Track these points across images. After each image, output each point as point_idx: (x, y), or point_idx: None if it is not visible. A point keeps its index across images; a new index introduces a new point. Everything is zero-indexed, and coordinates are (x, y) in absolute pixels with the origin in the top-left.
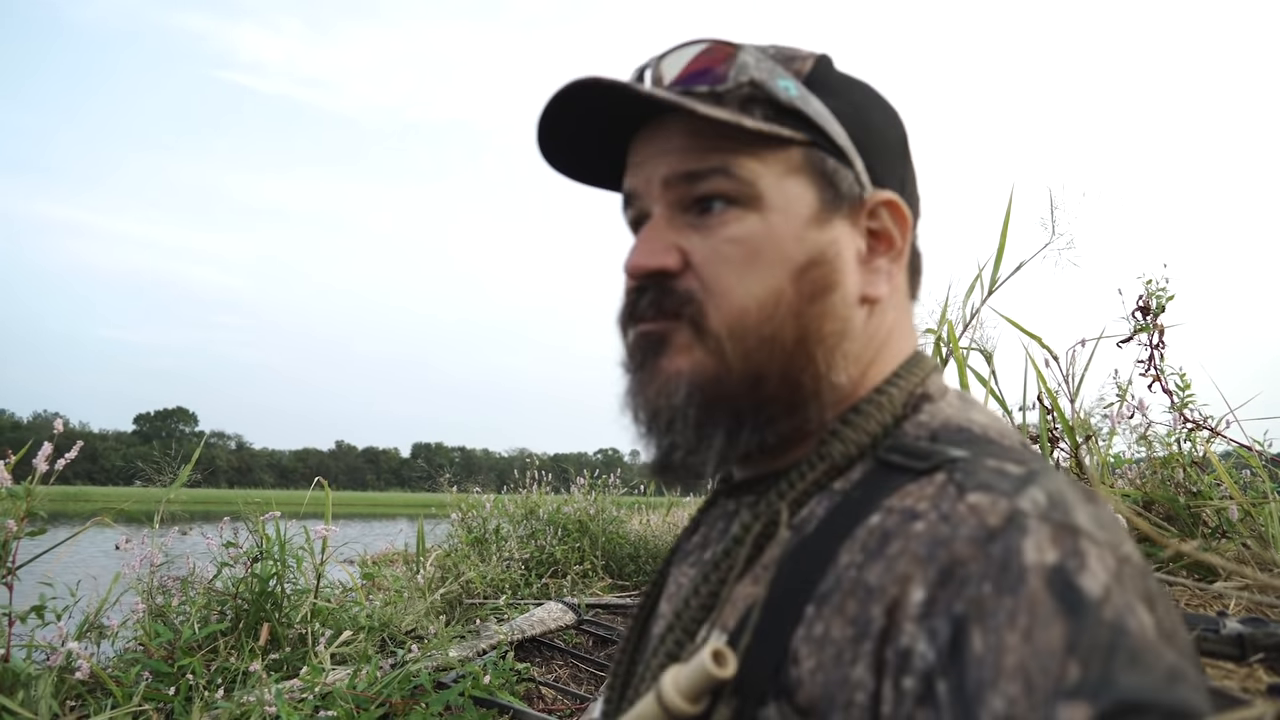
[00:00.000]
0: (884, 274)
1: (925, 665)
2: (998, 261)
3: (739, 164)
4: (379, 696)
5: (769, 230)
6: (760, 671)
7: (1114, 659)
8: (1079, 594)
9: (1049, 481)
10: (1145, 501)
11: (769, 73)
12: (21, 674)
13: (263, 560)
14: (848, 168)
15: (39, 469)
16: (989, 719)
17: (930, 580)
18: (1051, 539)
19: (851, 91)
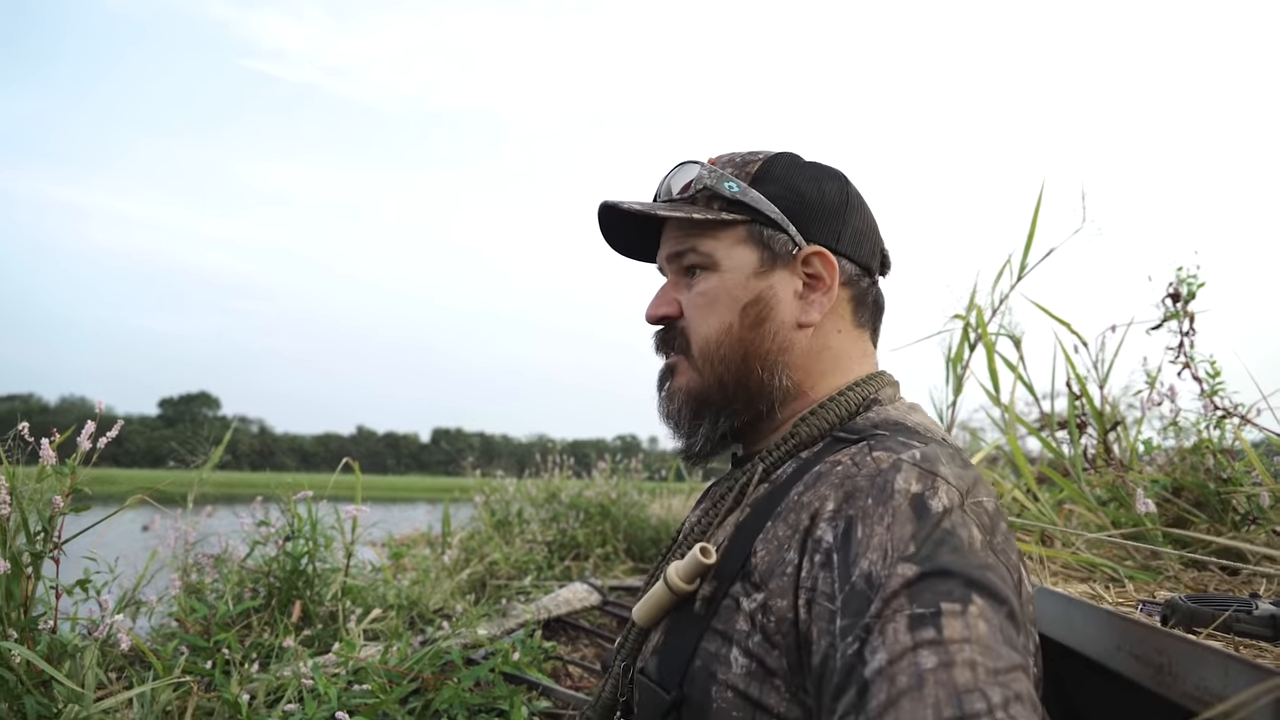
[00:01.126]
0: (816, 305)
1: (827, 545)
2: (1027, 247)
3: (702, 243)
4: (411, 672)
5: (723, 284)
6: (733, 564)
7: (941, 547)
8: (927, 509)
9: (931, 450)
10: (1174, 488)
11: (718, 179)
12: (68, 645)
13: (294, 539)
14: (781, 232)
15: (82, 447)
16: (858, 574)
17: (838, 498)
18: (918, 477)
19: (792, 175)
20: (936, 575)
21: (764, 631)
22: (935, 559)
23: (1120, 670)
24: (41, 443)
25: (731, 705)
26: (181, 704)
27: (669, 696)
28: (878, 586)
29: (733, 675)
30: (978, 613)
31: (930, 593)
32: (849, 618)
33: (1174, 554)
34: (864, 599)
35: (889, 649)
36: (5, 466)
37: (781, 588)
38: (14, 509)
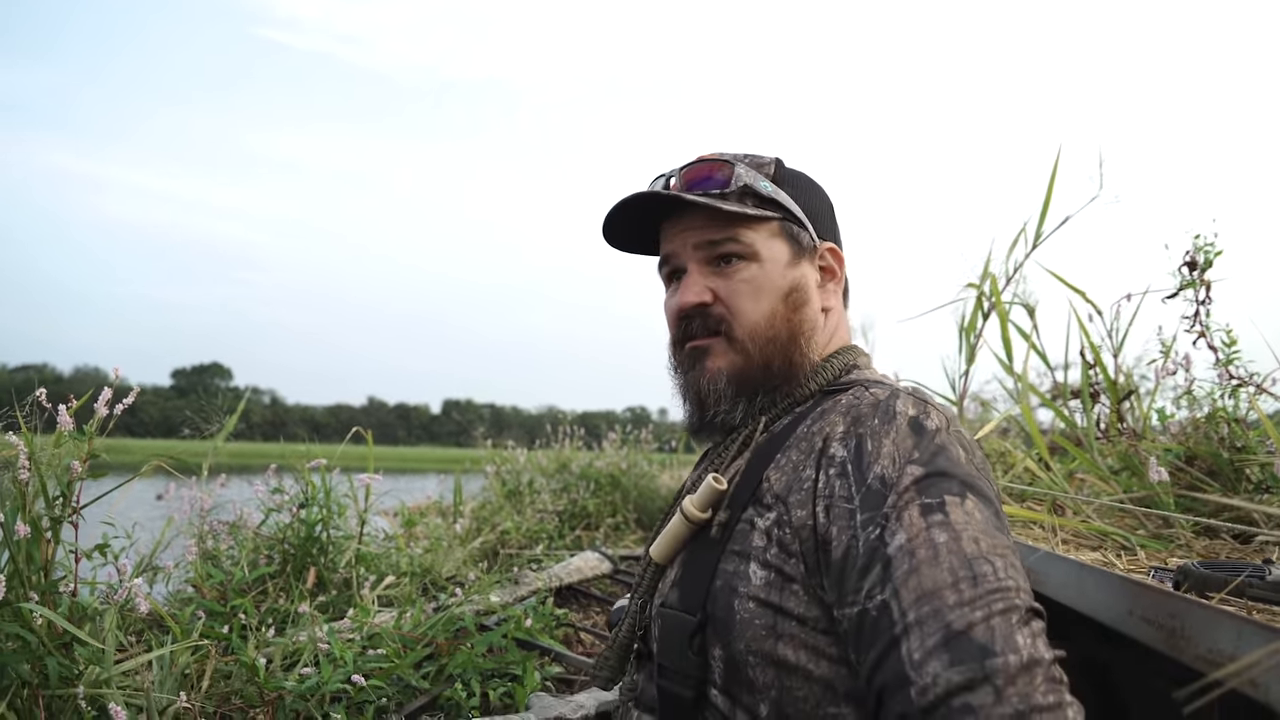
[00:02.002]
0: (831, 292)
1: (841, 458)
2: (1043, 216)
3: (743, 234)
4: (424, 637)
5: (765, 273)
6: (744, 492)
7: (938, 455)
8: (923, 427)
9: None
10: (1188, 457)
11: (753, 178)
12: (87, 609)
13: (309, 506)
14: (804, 229)
15: (99, 413)
16: (873, 476)
17: (847, 422)
18: (914, 404)
19: (799, 180)
20: (939, 475)
21: (780, 544)
22: (935, 463)
23: (1133, 634)
24: (59, 409)
25: (754, 614)
26: (200, 667)
27: (694, 619)
28: (891, 485)
29: (753, 587)
30: (973, 505)
31: (935, 487)
32: (869, 511)
33: (1186, 520)
34: (880, 496)
35: (907, 530)
36: (24, 433)
37: (800, 500)
38: (33, 474)
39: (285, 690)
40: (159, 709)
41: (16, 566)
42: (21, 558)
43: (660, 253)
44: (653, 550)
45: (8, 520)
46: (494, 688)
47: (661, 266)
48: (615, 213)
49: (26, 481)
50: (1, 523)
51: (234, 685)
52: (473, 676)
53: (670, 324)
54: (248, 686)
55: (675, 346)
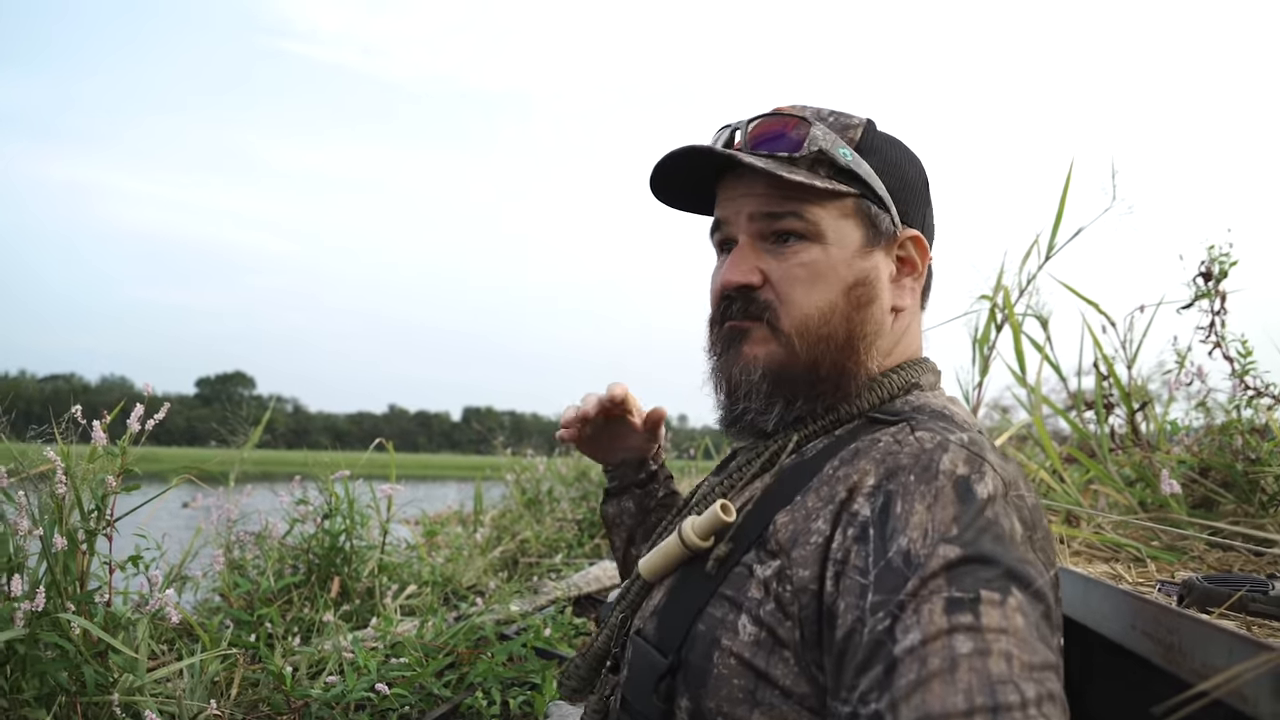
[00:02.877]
0: (908, 290)
1: (864, 518)
2: (1055, 227)
3: (808, 210)
4: (446, 646)
5: (828, 259)
6: (751, 529)
7: (984, 534)
8: (972, 493)
9: (976, 437)
10: (1201, 468)
11: (832, 143)
12: (121, 618)
13: (332, 517)
14: (885, 212)
15: (132, 428)
16: (896, 550)
17: (879, 474)
18: (965, 460)
19: (890, 150)
20: (978, 561)
21: (778, 600)
22: (978, 544)
23: (1133, 648)
24: (93, 425)
25: (733, 673)
26: (228, 675)
27: (666, 660)
28: (916, 565)
29: (739, 643)
30: (1016, 605)
31: (971, 578)
32: (882, 593)
33: (1200, 535)
34: (900, 576)
35: (923, 629)
36: (60, 447)
37: (805, 557)
38: (70, 489)
39: (311, 698)
40: (190, 716)
41: (54, 578)
42: (59, 569)
43: (716, 214)
44: (642, 565)
45: (46, 533)
46: (514, 696)
47: (713, 232)
48: (663, 165)
49: (63, 496)
50: (41, 536)
51: (261, 693)
52: (493, 685)
53: (711, 301)
54: (275, 694)
55: (712, 326)
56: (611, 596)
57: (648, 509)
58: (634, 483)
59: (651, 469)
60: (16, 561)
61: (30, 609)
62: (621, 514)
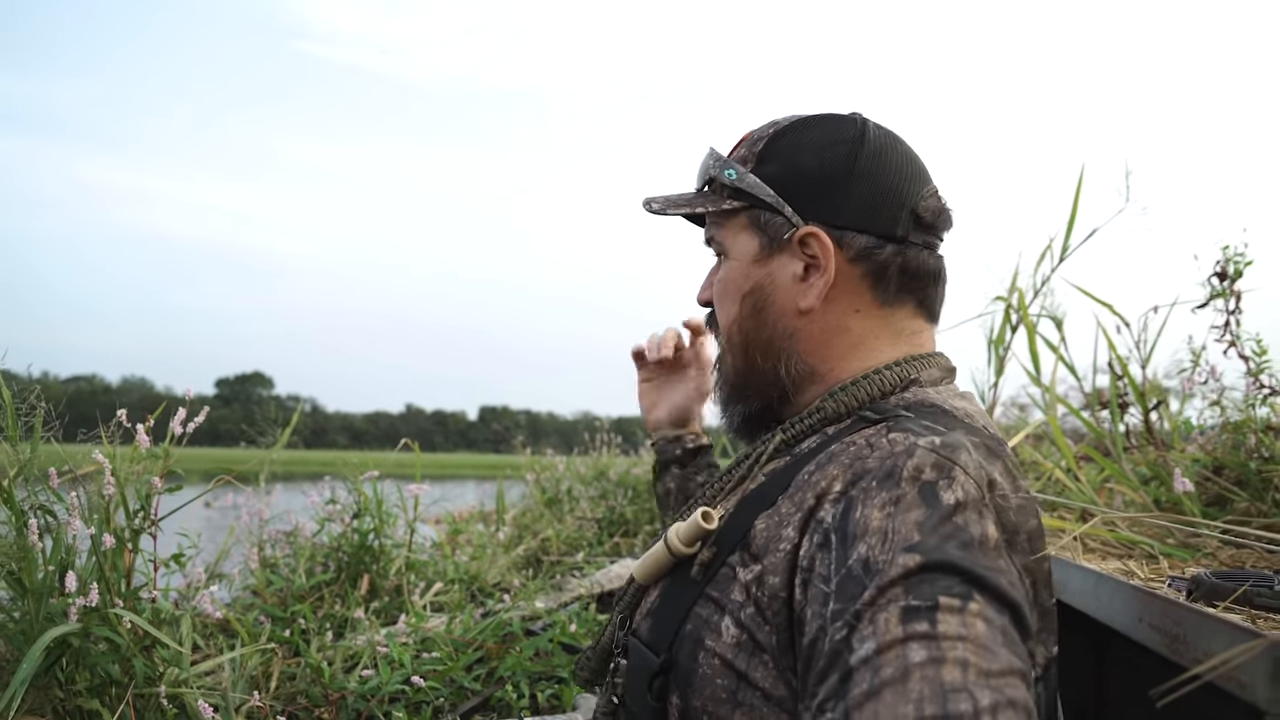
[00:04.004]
0: (814, 289)
1: (827, 525)
2: (1069, 228)
3: (718, 232)
4: (475, 641)
5: (730, 273)
6: (734, 532)
7: (948, 541)
8: (937, 499)
9: (953, 437)
10: (1215, 467)
11: (720, 166)
12: (165, 613)
13: (361, 516)
14: (777, 214)
15: (174, 431)
16: (855, 558)
17: (845, 480)
18: (933, 465)
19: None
20: (938, 569)
21: (757, 605)
22: (940, 552)
23: (1142, 640)
24: (136, 428)
25: (716, 673)
26: (266, 668)
27: (658, 660)
28: (874, 573)
29: (722, 644)
30: (977, 610)
31: (929, 585)
32: (841, 602)
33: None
34: (859, 584)
35: (878, 638)
36: (106, 448)
37: (775, 564)
38: (116, 489)
39: (348, 690)
40: (235, 707)
41: (103, 574)
42: (108, 567)
43: None
44: (635, 571)
45: (97, 532)
46: (542, 689)
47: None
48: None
49: (110, 496)
50: (92, 534)
51: (299, 685)
52: (521, 679)
53: None
54: (313, 687)
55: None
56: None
57: (689, 492)
58: (673, 459)
59: (689, 446)
60: (69, 559)
61: (84, 604)
62: (667, 495)
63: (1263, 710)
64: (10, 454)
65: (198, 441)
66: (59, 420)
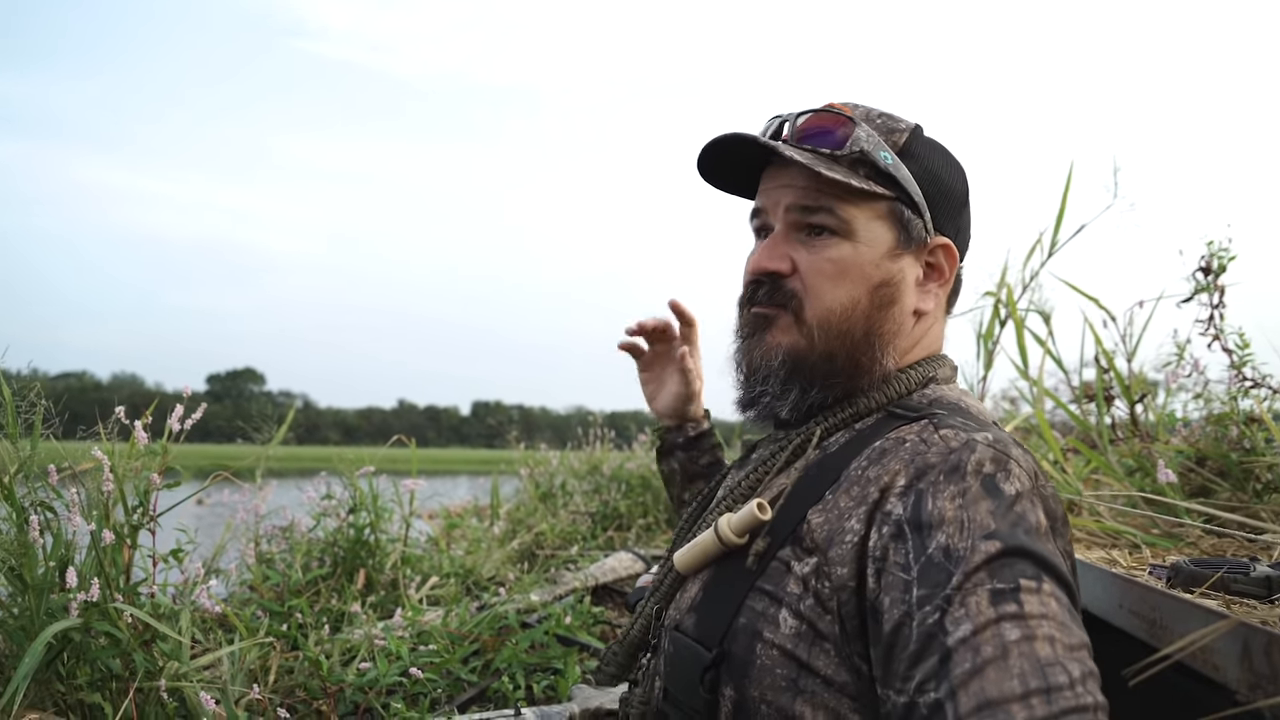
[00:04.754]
0: (933, 295)
1: (898, 517)
2: (1058, 225)
3: (842, 208)
4: (471, 634)
5: (857, 256)
6: (785, 525)
7: (1016, 528)
8: (1000, 490)
9: (999, 432)
10: (1198, 458)
11: (874, 145)
12: (164, 608)
13: (357, 511)
14: (919, 217)
15: (171, 428)
16: (935, 547)
17: (909, 475)
18: (991, 459)
19: (933, 156)
20: (1014, 554)
21: (817, 596)
22: (1012, 538)
23: (1122, 626)
24: (134, 424)
25: (776, 663)
26: (264, 662)
27: (710, 654)
28: (958, 560)
29: (780, 635)
30: (1050, 592)
31: (1009, 570)
32: (927, 588)
33: (1196, 522)
34: (943, 571)
35: (973, 619)
36: (105, 445)
37: (841, 556)
38: (116, 485)
39: (346, 683)
40: (235, 700)
41: (103, 570)
42: (108, 562)
43: (756, 203)
44: (677, 558)
45: (97, 528)
46: (538, 681)
47: (753, 217)
48: (709, 150)
49: (109, 492)
50: (91, 530)
51: (297, 679)
52: (517, 670)
53: (743, 282)
54: (311, 680)
55: (741, 307)
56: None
57: (692, 474)
58: (677, 445)
59: (691, 434)
60: (69, 555)
61: (85, 599)
62: (671, 474)
63: (1233, 690)
64: (10, 451)
65: (189, 438)
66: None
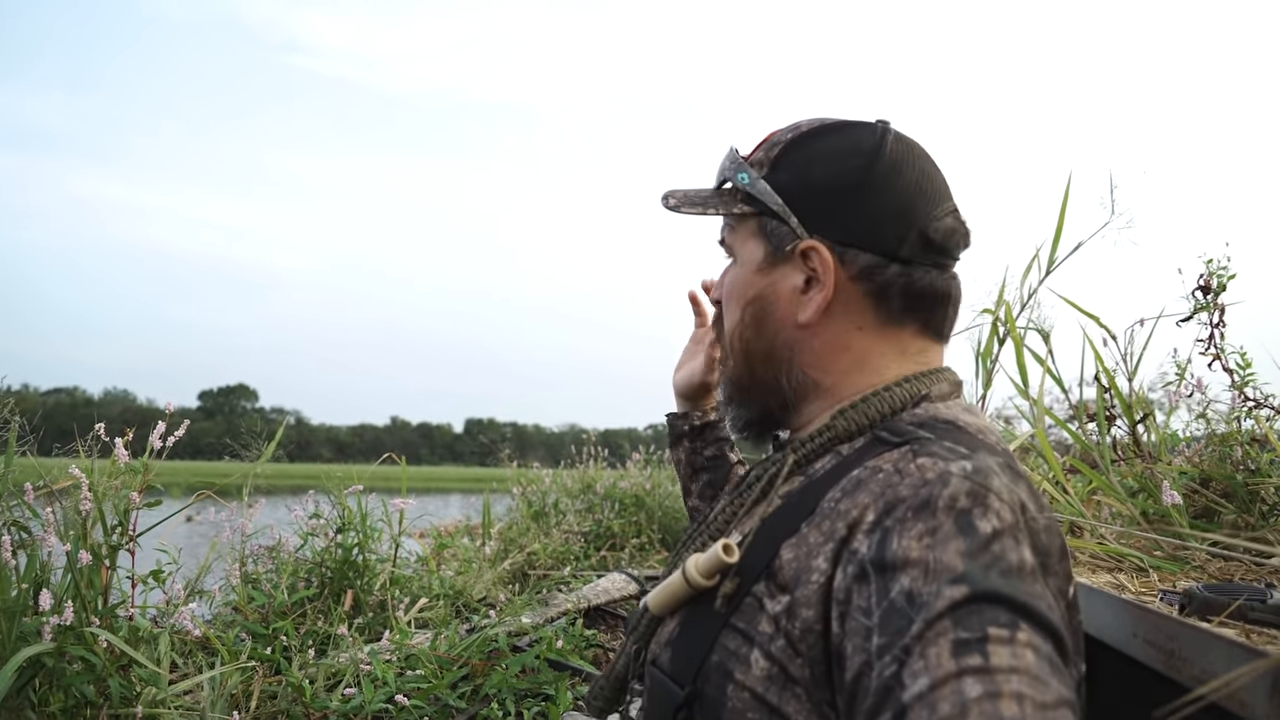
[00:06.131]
0: (813, 303)
1: (862, 556)
2: (1055, 242)
3: (729, 234)
4: (460, 658)
5: (734, 278)
6: (758, 560)
7: (990, 570)
8: (975, 528)
9: (982, 460)
10: (1202, 479)
11: (734, 170)
12: (143, 631)
13: (345, 530)
14: (784, 225)
15: (153, 445)
16: (898, 591)
17: (879, 509)
18: (967, 492)
19: (809, 159)
20: (984, 599)
21: (788, 637)
22: (984, 583)
23: (1136, 656)
24: (115, 442)
25: (747, 706)
26: (246, 687)
27: (682, 692)
28: (920, 606)
29: (751, 677)
30: (1025, 641)
31: (977, 617)
32: (886, 636)
33: (1201, 545)
34: (904, 618)
35: (931, 673)
36: (83, 462)
37: (808, 597)
38: (94, 505)
39: (330, 710)
40: None
41: (79, 592)
42: (84, 584)
43: None
44: (649, 600)
45: (73, 548)
46: (528, 707)
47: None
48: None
49: (88, 512)
50: (67, 551)
51: (280, 705)
52: (508, 696)
53: None
54: (294, 706)
55: None
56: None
57: (696, 466)
58: (683, 432)
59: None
60: (44, 577)
61: (59, 623)
62: (678, 463)
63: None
64: None
65: (178, 455)
66: (34, 434)
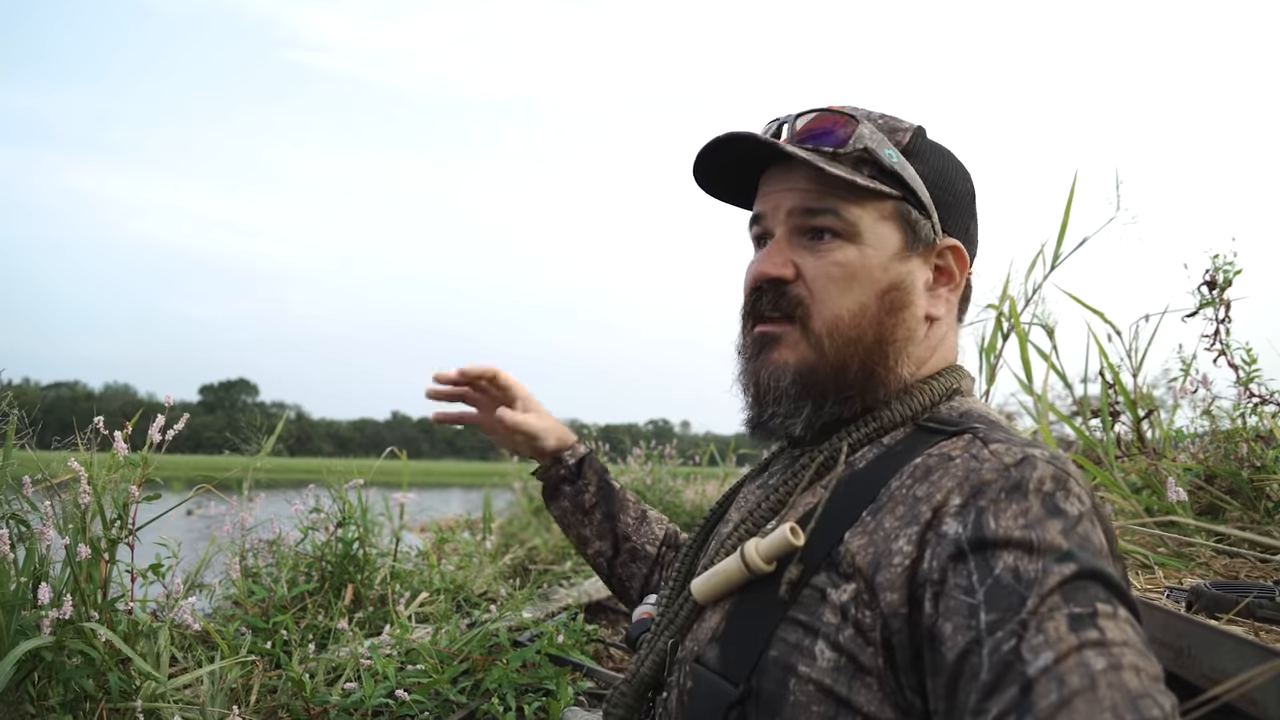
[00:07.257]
0: (943, 300)
1: (954, 537)
2: (1060, 237)
3: (847, 209)
4: (461, 653)
5: (863, 260)
6: (819, 549)
7: (1084, 549)
8: (1062, 510)
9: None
10: (1207, 475)
11: (878, 143)
12: (142, 626)
13: (345, 525)
14: (926, 218)
15: (153, 438)
16: (1003, 568)
17: (965, 493)
18: (1051, 476)
19: (938, 158)
20: (1089, 577)
21: (858, 626)
22: (1083, 560)
23: None
24: (114, 435)
25: (812, 699)
26: (246, 681)
27: (736, 690)
28: (1031, 583)
29: (817, 669)
30: (1125, 618)
31: (1084, 593)
32: (997, 612)
33: (1206, 542)
34: (1014, 594)
35: (1054, 646)
36: (83, 456)
37: (890, 581)
38: (93, 498)
39: (330, 704)
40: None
41: (78, 585)
42: (83, 578)
43: (754, 209)
44: (695, 587)
45: (72, 542)
46: (529, 702)
47: (752, 224)
48: (709, 150)
49: (86, 505)
50: (66, 544)
51: (280, 699)
52: (508, 691)
53: (744, 292)
54: (294, 701)
55: (744, 321)
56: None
57: (585, 506)
58: (559, 479)
59: (569, 463)
60: (42, 570)
61: (58, 617)
62: (564, 514)
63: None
64: None
65: (179, 448)
66: (33, 427)
